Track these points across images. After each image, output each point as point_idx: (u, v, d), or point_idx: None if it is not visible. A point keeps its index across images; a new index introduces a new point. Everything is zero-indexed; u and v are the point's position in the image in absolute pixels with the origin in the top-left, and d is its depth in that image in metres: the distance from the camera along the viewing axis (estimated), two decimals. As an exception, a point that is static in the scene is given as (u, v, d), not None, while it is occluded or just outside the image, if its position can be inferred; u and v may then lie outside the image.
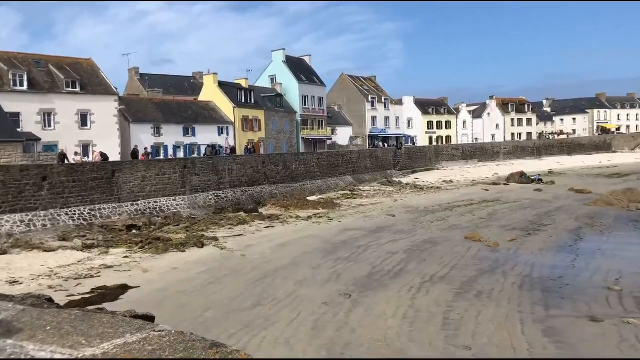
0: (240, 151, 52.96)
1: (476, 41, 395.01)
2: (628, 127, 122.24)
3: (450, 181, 61.77)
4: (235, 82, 61.75)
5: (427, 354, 12.68)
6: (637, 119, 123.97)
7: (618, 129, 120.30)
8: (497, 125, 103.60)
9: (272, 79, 68.87)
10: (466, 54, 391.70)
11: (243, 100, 59.08)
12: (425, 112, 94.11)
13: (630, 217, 34.98)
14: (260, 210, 39.00)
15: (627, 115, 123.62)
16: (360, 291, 18.13)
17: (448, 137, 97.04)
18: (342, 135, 78.02)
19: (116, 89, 48.58)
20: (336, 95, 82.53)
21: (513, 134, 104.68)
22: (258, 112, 60.34)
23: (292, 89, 67.38)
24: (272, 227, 32.38)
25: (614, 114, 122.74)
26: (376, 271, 21.00)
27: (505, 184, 56.86)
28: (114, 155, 42.75)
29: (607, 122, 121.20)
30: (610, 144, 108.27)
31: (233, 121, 56.89)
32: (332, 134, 74.79)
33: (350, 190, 52.28)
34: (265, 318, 15.40)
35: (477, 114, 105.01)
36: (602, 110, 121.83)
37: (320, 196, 47.79)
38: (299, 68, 70.25)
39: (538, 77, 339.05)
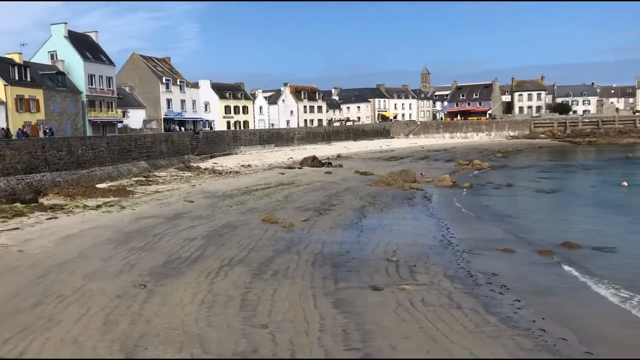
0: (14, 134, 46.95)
1: (271, 31, 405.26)
2: (403, 115, 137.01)
3: (249, 165, 62.79)
4: (7, 56, 54.39)
5: (226, 336, 12.74)
6: (410, 108, 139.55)
7: (395, 117, 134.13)
8: (292, 112, 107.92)
9: (52, 56, 62.07)
10: (263, 41, 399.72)
11: (17, 78, 52.36)
12: (222, 96, 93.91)
13: (404, 195, 39.35)
14: (40, 200, 35.16)
15: (402, 104, 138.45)
16: (156, 280, 17.48)
17: (245, 122, 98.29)
18: (135, 118, 74.03)
19: None
20: (127, 76, 77.84)
21: (306, 120, 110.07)
22: (35, 91, 54.06)
23: (76, 67, 61.60)
24: (56, 218, 29.46)
25: (392, 103, 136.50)
26: (173, 259, 20.44)
27: (299, 168, 59.63)
28: None
29: (386, 111, 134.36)
30: (389, 130, 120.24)
31: (5, 101, 50.19)
32: (124, 116, 70.45)
33: (144, 177, 49.98)
34: (49, 318, 13.98)
35: (272, 100, 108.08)
36: (382, 100, 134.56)
37: (112, 183, 44.86)
38: (84, 45, 64.52)
39: (328, 67, 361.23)
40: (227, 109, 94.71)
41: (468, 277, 18.75)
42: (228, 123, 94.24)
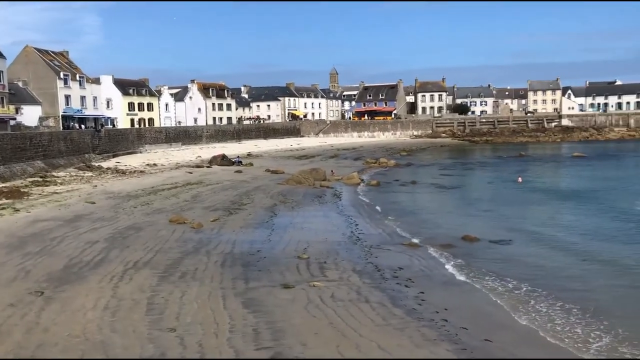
0: None
1: (176, 27, 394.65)
2: (313, 114, 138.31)
3: (155, 165, 60.76)
4: None
5: (131, 342, 12.29)
6: (319, 107, 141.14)
7: (305, 116, 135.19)
8: (199, 109, 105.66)
9: None
10: (169, 36, 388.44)
11: None
12: (125, 93, 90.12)
13: (315, 194, 39.81)
14: None
15: (312, 103, 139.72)
16: (55, 286, 16.50)
17: (151, 120, 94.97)
18: (30, 115, 69.25)
19: None
20: (20, 70, 72.60)
21: (215, 118, 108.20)
22: None
23: (-40, 59, 56.73)
24: (-62, 223, 26.99)
25: (302, 102, 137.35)
26: (74, 263, 19.39)
27: (208, 167, 58.55)
28: None
29: (296, 110, 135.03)
30: (299, 129, 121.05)
31: None
32: (17, 113, 65.65)
33: (41, 177, 46.93)
34: None
35: (179, 97, 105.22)
36: (291, 99, 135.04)
37: (3, 184, 41.72)
38: (-31, 35, 59.51)
39: (237, 64, 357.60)
40: (130, 105, 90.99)
41: (376, 272, 19.31)
42: (132, 120, 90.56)
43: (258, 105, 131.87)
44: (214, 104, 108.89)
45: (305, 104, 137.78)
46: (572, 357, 13.05)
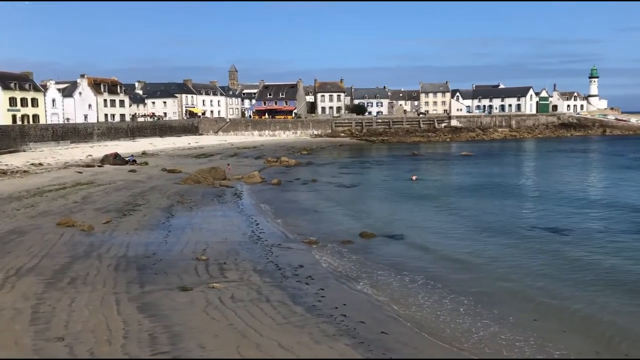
0: None
1: (64, 16, 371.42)
2: (212, 112, 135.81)
3: (40, 164, 56.68)
4: None
5: (14, 355, 11.39)
6: (218, 104, 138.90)
7: (204, 113, 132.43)
8: (90, 106, 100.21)
9: None
10: (50, 25, 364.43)
11: None
12: (6, 87, 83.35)
13: (214, 193, 39.14)
14: None
15: (211, 101, 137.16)
16: None
17: (35, 116, 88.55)
18: None
19: None
20: None
21: (107, 115, 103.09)
22: None
23: None
24: None
25: (200, 99, 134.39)
26: (-56, 272, 17.63)
27: (99, 166, 55.64)
28: None
29: (194, 107, 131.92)
30: (198, 127, 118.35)
31: None
32: None
33: None
34: None
35: (67, 92, 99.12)
36: (189, 95, 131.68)
37: None
38: None
39: (131, 59, 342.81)
40: (12, 101, 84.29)
41: (276, 271, 19.34)
42: (14, 117, 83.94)
43: (153, 102, 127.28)
44: (105, 100, 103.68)
45: (203, 101, 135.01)
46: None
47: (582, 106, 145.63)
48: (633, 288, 18.51)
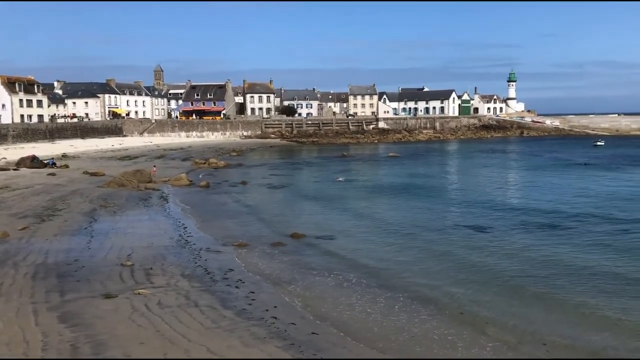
0: None
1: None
2: (137, 112, 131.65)
3: (-53, 168, 52.90)
4: None
5: None
6: (143, 105, 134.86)
7: (128, 114, 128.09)
8: (4, 106, 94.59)
9: None
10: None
11: None
12: None
13: (139, 196, 37.94)
14: None
15: (135, 101, 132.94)
16: None
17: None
18: None
19: None
20: None
21: (22, 116, 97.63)
22: None
23: None
24: None
25: (124, 99, 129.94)
26: None
27: (15, 169, 52.57)
28: None
29: (118, 107, 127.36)
30: (122, 128, 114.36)
31: None
32: None
33: None
34: None
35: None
36: (112, 96, 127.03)
37: None
38: None
39: (49, 57, 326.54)
40: None
41: (205, 275, 19.02)
42: None
43: (74, 102, 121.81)
44: (21, 100, 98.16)
45: (127, 101, 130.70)
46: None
47: (501, 109, 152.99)
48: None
